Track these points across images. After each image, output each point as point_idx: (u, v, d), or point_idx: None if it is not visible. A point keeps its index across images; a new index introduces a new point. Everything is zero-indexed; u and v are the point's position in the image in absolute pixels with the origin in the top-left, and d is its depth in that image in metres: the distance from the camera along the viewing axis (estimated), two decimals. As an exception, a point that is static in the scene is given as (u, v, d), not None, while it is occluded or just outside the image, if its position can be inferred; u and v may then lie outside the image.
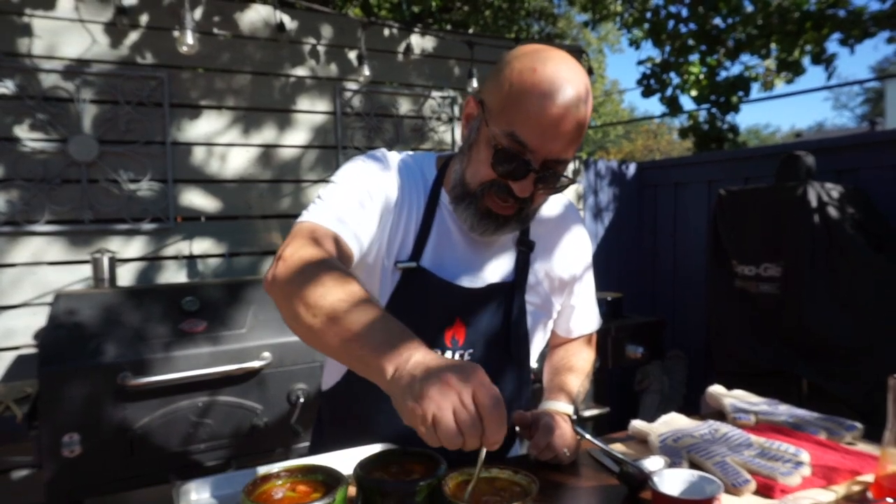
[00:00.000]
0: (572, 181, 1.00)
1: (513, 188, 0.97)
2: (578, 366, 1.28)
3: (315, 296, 0.82)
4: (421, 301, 1.08)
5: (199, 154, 2.81)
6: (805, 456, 1.02)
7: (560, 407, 1.14)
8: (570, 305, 1.28)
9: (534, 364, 1.25)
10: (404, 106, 3.30)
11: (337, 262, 0.91)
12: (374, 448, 1.02)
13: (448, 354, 1.09)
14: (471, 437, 0.67)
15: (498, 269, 1.14)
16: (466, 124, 1.05)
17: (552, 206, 1.23)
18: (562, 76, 0.93)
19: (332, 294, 0.82)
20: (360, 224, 1.02)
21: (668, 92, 5.15)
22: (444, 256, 1.11)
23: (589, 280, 1.30)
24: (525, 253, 1.15)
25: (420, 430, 0.69)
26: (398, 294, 1.08)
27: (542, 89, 0.92)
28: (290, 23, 2.98)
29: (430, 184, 1.13)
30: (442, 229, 1.11)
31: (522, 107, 0.93)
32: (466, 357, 1.11)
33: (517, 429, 1.18)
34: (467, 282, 1.11)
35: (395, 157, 1.14)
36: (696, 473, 0.87)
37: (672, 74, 5.15)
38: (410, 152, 1.19)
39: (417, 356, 0.73)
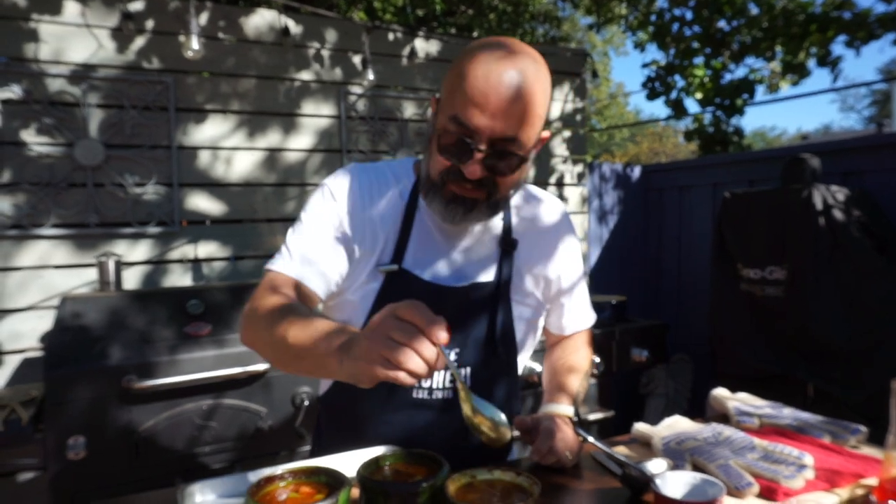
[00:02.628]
0: (524, 160, 1.00)
1: (463, 172, 0.98)
2: (576, 365, 1.28)
3: (273, 332, 0.90)
4: None
5: (204, 158, 2.83)
6: (809, 459, 1.01)
7: (560, 409, 1.15)
8: (560, 303, 1.28)
9: (523, 362, 1.24)
10: (409, 110, 3.31)
11: (289, 302, 0.97)
12: (377, 450, 1.02)
13: None
14: (419, 345, 0.70)
15: (481, 268, 1.15)
16: (430, 122, 1.08)
17: (537, 205, 1.24)
18: (499, 57, 0.95)
19: (282, 325, 0.89)
20: (326, 260, 1.07)
21: (673, 95, 5.13)
22: (426, 257, 1.12)
23: (579, 277, 1.29)
24: (508, 252, 1.16)
25: (390, 377, 0.72)
26: (382, 297, 1.09)
27: (479, 71, 0.94)
28: (294, 27, 3.00)
29: (407, 188, 1.14)
30: (423, 231, 1.13)
31: (461, 90, 0.95)
32: (453, 356, 1.12)
33: (515, 433, 1.18)
34: (450, 281, 1.13)
35: (360, 171, 1.15)
36: (698, 476, 0.87)
37: (677, 77, 5.14)
38: (389, 160, 1.21)
39: (350, 339, 0.78)
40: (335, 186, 1.12)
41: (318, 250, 1.07)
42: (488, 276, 1.15)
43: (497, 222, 1.16)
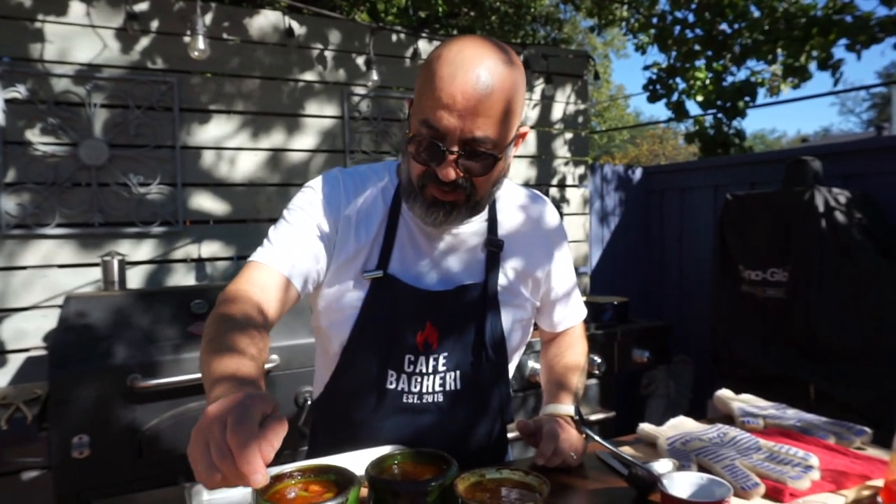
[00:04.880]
0: (497, 158, 0.98)
1: (437, 174, 0.97)
2: (573, 361, 1.27)
3: (206, 338, 0.89)
4: (390, 308, 1.09)
5: (208, 158, 2.83)
6: (814, 460, 1.02)
7: (561, 409, 1.14)
8: (550, 301, 1.27)
9: (515, 363, 1.24)
10: (411, 110, 3.31)
11: (246, 312, 0.94)
12: (386, 449, 1.03)
13: (422, 359, 1.10)
14: (224, 466, 0.64)
15: (467, 270, 1.14)
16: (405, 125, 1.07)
17: (523, 204, 1.22)
18: (464, 56, 0.94)
19: (211, 340, 0.87)
20: (306, 255, 1.06)
21: (674, 97, 5.13)
22: (412, 262, 1.12)
23: (567, 273, 1.28)
24: (494, 252, 1.14)
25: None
26: (368, 304, 1.09)
27: (445, 72, 0.93)
28: (298, 28, 3.01)
29: (390, 192, 1.13)
30: (407, 236, 1.12)
31: (428, 92, 0.95)
32: (442, 360, 1.11)
33: (510, 435, 1.17)
34: (436, 285, 1.12)
35: (344, 175, 1.14)
36: (705, 476, 0.87)
37: (678, 80, 5.14)
38: (373, 164, 1.19)
39: (214, 405, 0.70)
40: (318, 189, 1.12)
41: (299, 245, 1.06)
42: (475, 278, 1.14)
43: (482, 224, 1.15)
